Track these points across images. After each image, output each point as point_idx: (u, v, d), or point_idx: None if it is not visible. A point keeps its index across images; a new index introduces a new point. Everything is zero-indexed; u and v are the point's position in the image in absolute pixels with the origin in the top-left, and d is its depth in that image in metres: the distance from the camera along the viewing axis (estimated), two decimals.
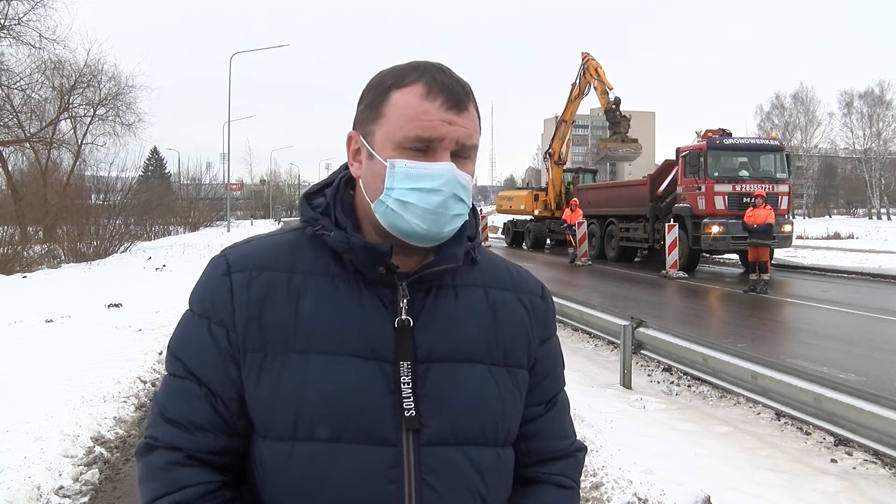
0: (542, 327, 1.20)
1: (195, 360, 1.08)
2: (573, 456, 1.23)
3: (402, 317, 1.07)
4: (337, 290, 1.07)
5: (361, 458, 1.03)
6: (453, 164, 1.06)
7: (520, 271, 1.24)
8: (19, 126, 25.50)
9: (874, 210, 64.64)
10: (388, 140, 1.06)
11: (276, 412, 1.04)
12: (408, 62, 1.10)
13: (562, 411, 1.24)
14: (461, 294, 1.14)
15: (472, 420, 1.08)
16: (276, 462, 1.04)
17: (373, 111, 1.08)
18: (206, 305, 1.08)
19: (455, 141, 1.05)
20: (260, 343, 1.05)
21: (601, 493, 4.01)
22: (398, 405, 1.04)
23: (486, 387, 1.10)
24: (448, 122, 1.04)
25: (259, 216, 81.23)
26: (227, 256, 1.11)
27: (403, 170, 1.04)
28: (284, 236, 1.14)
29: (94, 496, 4.06)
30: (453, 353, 1.09)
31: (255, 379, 1.05)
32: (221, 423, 1.07)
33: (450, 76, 1.07)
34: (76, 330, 8.70)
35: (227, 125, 39.52)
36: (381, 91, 1.08)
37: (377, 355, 1.05)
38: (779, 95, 67.86)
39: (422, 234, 1.06)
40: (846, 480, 4.40)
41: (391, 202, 1.05)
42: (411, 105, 1.04)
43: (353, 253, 1.07)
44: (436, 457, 1.05)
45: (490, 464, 1.10)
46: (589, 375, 7.03)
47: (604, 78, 23.84)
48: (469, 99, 1.08)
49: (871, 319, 10.65)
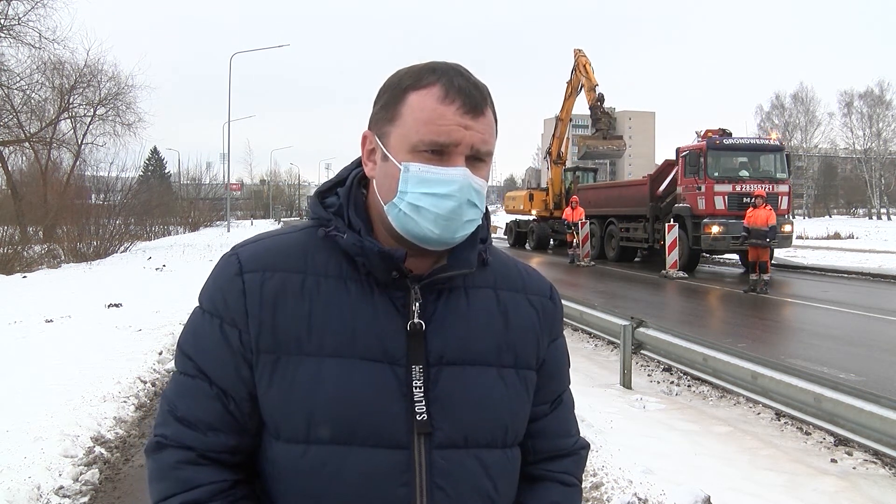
0: (550, 328, 1.20)
1: (207, 359, 1.07)
2: (577, 454, 1.24)
3: (414, 320, 1.07)
4: (349, 292, 1.07)
5: (373, 461, 1.03)
6: (468, 169, 1.05)
7: (529, 272, 1.24)
8: (19, 126, 25.54)
9: (874, 210, 64.67)
10: (403, 143, 1.05)
11: (288, 414, 1.04)
12: (426, 62, 1.09)
13: (566, 410, 1.25)
14: (472, 296, 1.13)
15: (482, 423, 1.09)
16: (289, 463, 1.04)
17: (388, 112, 1.07)
18: (219, 305, 1.07)
19: (470, 146, 1.04)
20: (273, 345, 1.04)
21: (601, 493, 4.00)
22: (410, 408, 1.04)
23: (496, 390, 1.10)
24: (464, 126, 1.03)
25: (259, 216, 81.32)
26: (238, 255, 1.10)
27: (418, 174, 1.03)
28: (296, 235, 1.13)
29: (94, 496, 4.06)
30: (464, 356, 1.09)
31: (267, 381, 1.04)
32: (233, 423, 1.07)
33: (468, 79, 1.06)
34: (76, 330, 8.70)
35: (227, 125, 39.60)
36: (397, 92, 1.07)
37: (389, 358, 1.05)
38: (779, 95, 68.13)
39: (434, 239, 1.05)
40: (846, 480, 4.40)
41: (404, 206, 1.04)
42: (427, 108, 1.03)
43: (367, 257, 1.06)
44: (447, 460, 1.05)
45: (499, 466, 1.11)
46: (589, 375, 7.03)
47: (591, 74, 23.93)
48: (486, 103, 1.07)
49: (871, 319, 10.64)
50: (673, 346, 6.35)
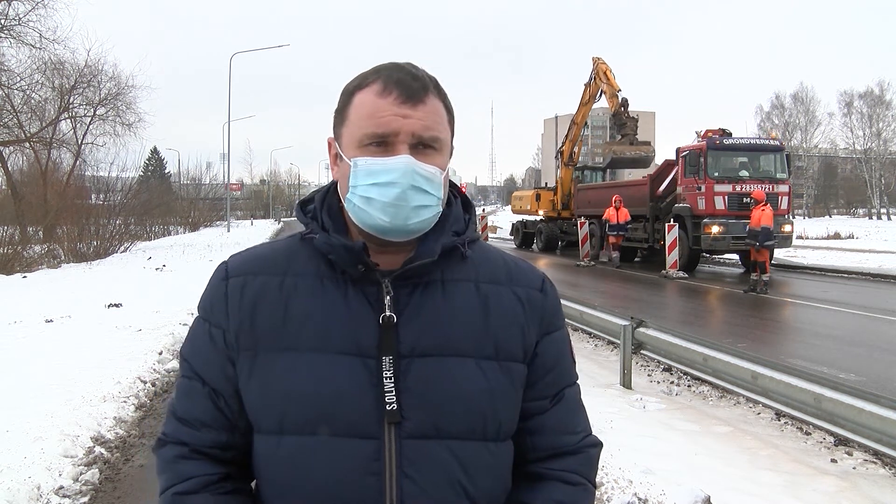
0: (540, 320, 1.19)
1: (198, 361, 1.16)
2: (583, 452, 1.20)
3: (385, 313, 1.09)
4: (324, 289, 1.12)
5: (344, 451, 1.06)
6: (411, 156, 1.08)
7: (519, 265, 1.24)
8: (19, 126, 25.54)
9: (874, 210, 64.63)
10: (351, 140, 1.11)
11: (265, 407, 1.10)
12: (374, 66, 1.15)
13: (570, 406, 1.22)
14: (449, 289, 1.14)
15: (456, 414, 1.09)
16: (266, 454, 1.11)
17: (340, 115, 1.14)
18: (207, 309, 1.16)
19: (411, 134, 1.08)
20: (252, 343, 1.11)
21: (601, 493, 4.00)
22: (380, 399, 1.07)
23: (474, 381, 1.10)
24: (402, 115, 1.08)
25: (259, 216, 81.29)
26: (227, 263, 1.19)
27: (365, 167, 1.08)
28: (283, 242, 1.21)
29: (94, 496, 4.06)
30: (439, 347, 1.10)
31: (247, 376, 1.11)
32: (223, 420, 1.14)
33: (407, 72, 1.10)
34: (76, 330, 8.70)
35: (227, 125, 39.53)
36: (346, 95, 1.13)
37: (361, 351, 1.08)
38: (779, 95, 67.93)
39: (387, 227, 1.08)
40: (846, 480, 4.40)
41: (356, 199, 1.09)
42: (367, 104, 1.09)
43: (336, 253, 1.11)
44: (417, 450, 1.07)
45: (476, 458, 1.10)
46: (589, 375, 7.03)
47: (612, 81, 23.60)
48: (427, 92, 1.10)
49: (871, 319, 10.64)
50: (673, 346, 6.35)
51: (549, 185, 29.53)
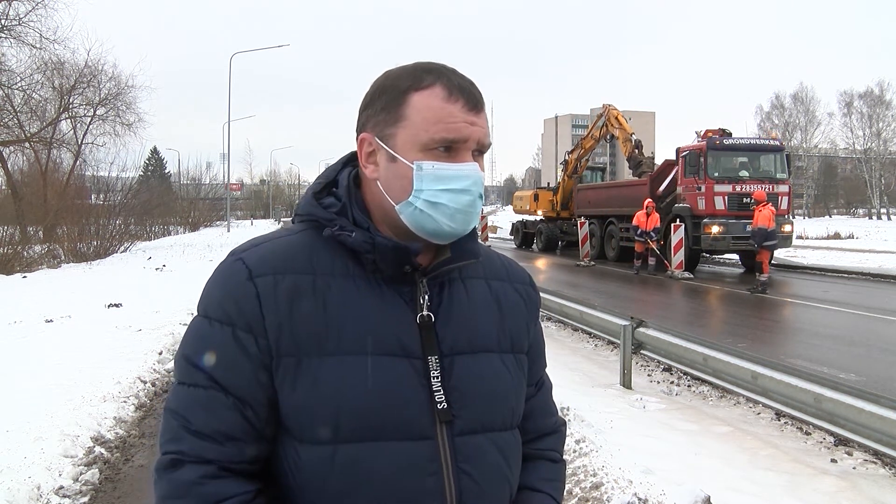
0: (533, 314, 1.28)
1: (220, 369, 1.04)
2: (558, 431, 1.33)
3: (423, 312, 1.10)
4: (359, 290, 1.09)
5: (401, 454, 1.05)
6: (476, 164, 1.10)
7: (510, 262, 1.31)
8: (19, 126, 25.51)
9: (874, 210, 64.61)
10: (412, 142, 1.07)
11: (315, 416, 1.04)
12: (416, 63, 1.12)
13: (548, 391, 1.33)
14: (469, 286, 1.18)
15: (494, 407, 1.14)
16: (318, 465, 1.04)
17: (391, 114, 1.09)
18: (230, 312, 1.05)
19: (476, 141, 1.10)
20: (293, 348, 1.04)
21: (601, 493, 4.00)
22: (430, 399, 1.08)
23: (502, 375, 1.16)
24: (470, 123, 1.08)
25: (259, 216, 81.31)
26: (244, 260, 1.08)
27: (432, 171, 1.07)
28: (296, 237, 1.13)
29: (94, 496, 4.06)
30: (471, 344, 1.13)
31: (290, 384, 1.04)
32: (251, 431, 1.05)
33: (465, 79, 1.11)
34: (76, 330, 8.70)
35: (227, 125, 39.58)
36: (397, 93, 1.09)
37: (406, 352, 1.08)
38: (779, 95, 67.93)
39: (448, 233, 1.10)
40: (846, 480, 4.39)
41: (420, 203, 1.07)
42: (434, 108, 1.07)
43: (378, 253, 1.08)
44: (468, 446, 1.10)
45: (511, 447, 1.17)
46: (589, 375, 7.03)
47: (625, 125, 23.37)
48: (483, 100, 1.12)
49: (871, 319, 10.64)
50: (673, 346, 6.34)
51: (550, 184, 29.53)
